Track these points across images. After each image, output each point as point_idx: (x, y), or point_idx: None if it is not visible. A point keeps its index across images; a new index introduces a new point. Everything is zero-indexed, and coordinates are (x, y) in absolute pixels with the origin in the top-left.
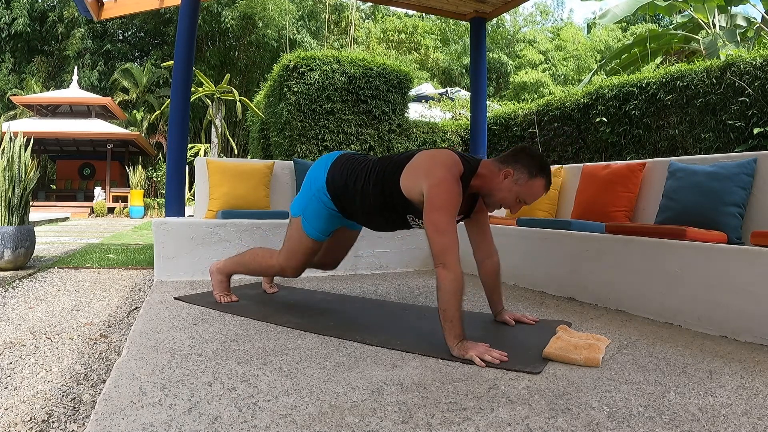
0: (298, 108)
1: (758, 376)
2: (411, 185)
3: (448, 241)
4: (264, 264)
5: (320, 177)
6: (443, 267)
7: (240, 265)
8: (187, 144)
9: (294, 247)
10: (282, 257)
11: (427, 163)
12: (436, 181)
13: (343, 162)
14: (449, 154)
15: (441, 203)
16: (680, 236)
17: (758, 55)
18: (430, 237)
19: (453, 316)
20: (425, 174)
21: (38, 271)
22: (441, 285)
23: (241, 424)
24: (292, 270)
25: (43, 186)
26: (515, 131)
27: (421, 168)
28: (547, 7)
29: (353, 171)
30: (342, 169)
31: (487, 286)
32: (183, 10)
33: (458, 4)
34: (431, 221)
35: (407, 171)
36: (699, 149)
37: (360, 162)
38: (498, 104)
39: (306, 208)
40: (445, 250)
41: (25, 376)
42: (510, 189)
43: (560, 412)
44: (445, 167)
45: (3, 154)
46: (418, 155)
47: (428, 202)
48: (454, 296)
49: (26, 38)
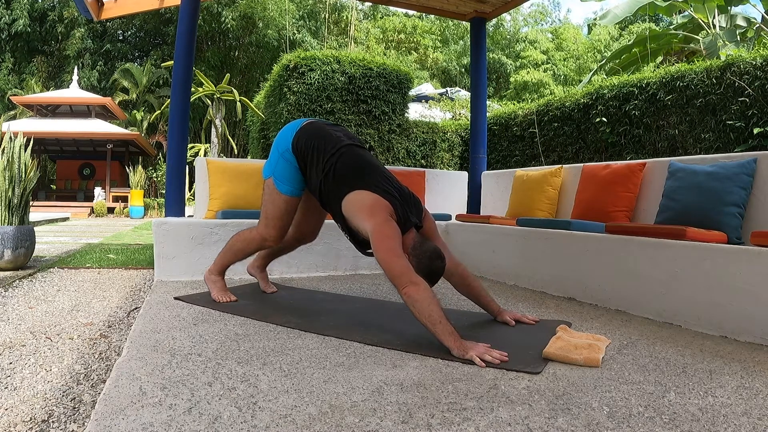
0: (298, 108)
1: (758, 376)
2: (350, 215)
3: (406, 262)
4: (246, 239)
5: (287, 140)
6: (411, 284)
7: (226, 253)
8: (187, 144)
9: (270, 212)
10: (261, 226)
11: (370, 205)
12: (381, 220)
13: (310, 133)
14: (386, 204)
15: (390, 234)
16: (680, 236)
17: (758, 55)
18: (389, 262)
19: (439, 317)
20: (368, 214)
21: (38, 271)
22: (417, 298)
23: (241, 424)
24: (272, 237)
25: (43, 186)
26: (515, 131)
27: (364, 207)
28: (546, 8)
29: (318, 144)
30: (308, 140)
31: (470, 296)
32: (183, 10)
33: (458, 4)
34: (385, 249)
35: (350, 201)
36: (699, 149)
37: (326, 138)
38: (498, 104)
39: (275, 168)
40: (406, 270)
41: (25, 376)
42: None
43: (560, 412)
44: (386, 212)
45: (3, 154)
46: (361, 193)
47: (378, 234)
48: (432, 302)
49: (26, 38)
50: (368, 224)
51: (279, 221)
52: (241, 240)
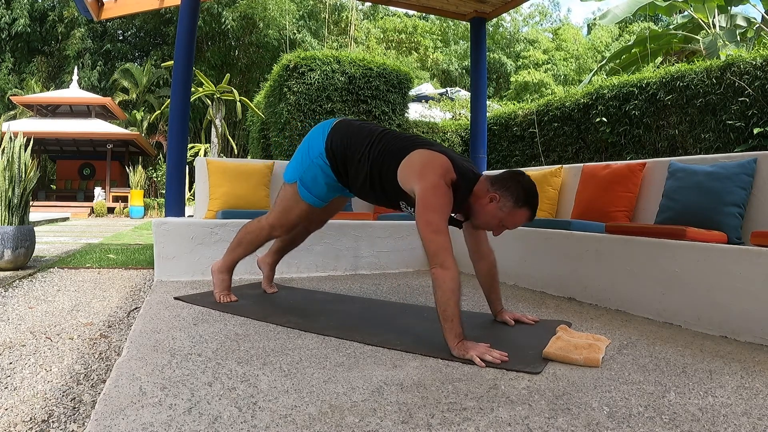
0: (298, 108)
1: (758, 376)
2: (404, 181)
3: (443, 241)
4: (255, 230)
5: (319, 143)
6: (440, 267)
7: (235, 248)
8: (187, 144)
9: (288, 206)
10: (273, 217)
11: (421, 165)
12: (429, 185)
13: (344, 129)
14: (444, 160)
15: (434, 204)
16: (680, 236)
17: (758, 55)
18: (425, 237)
19: (453, 314)
20: (418, 176)
21: (38, 271)
22: (439, 284)
23: (241, 424)
24: (282, 228)
25: (43, 186)
26: (515, 131)
27: (415, 169)
28: (545, 8)
29: (354, 141)
30: (343, 136)
31: (485, 286)
32: (183, 10)
33: (458, 4)
34: (425, 221)
35: (403, 166)
36: (699, 149)
37: (361, 132)
38: (498, 104)
39: (304, 174)
40: (440, 250)
41: (25, 376)
42: (494, 214)
43: (560, 412)
44: (438, 173)
45: (3, 154)
46: (414, 153)
47: (421, 203)
48: (453, 295)
49: (26, 38)
50: (417, 187)
51: (294, 218)
52: (250, 232)
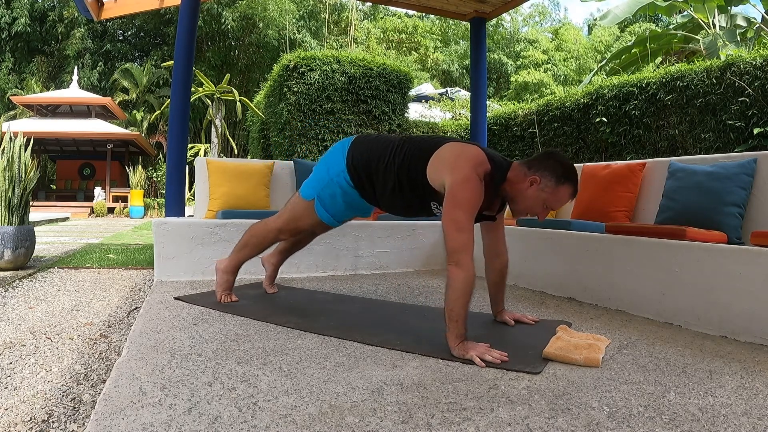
0: (298, 108)
1: (758, 376)
2: (435, 176)
3: (465, 240)
4: (261, 233)
5: (339, 161)
6: (456, 265)
7: (241, 248)
8: (187, 144)
9: (299, 216)
10: (281, 221)
11: (454, 157)
12: (460, 178)
13: (364, 143)
14: (477, 152)
15: (462, 201)
16: (680, 236)
17: (758, 55)
18: (447, 233)
19: (459, 315)
20: (450, 168)
21: (38, 271)
22: (451, 283)
23: (241, 424)
24: (288, 233)
25: (43, 186)
26: (515, 131)
27: (447, 161)
28: (545, 8)
29: (376, 151)
30: (364, 150)
31: (493, 284)
32: (183, 10)
33: (458, 4)
34: (451, 217)
35: (433, 161)
36: (699, 149)
37: (382, 142)
38: (498, 104)
39: (322, 192)
40: (460, 248)
41: (25, 376)
42: (537, 197)
43: (560, 412)
44: (471, 165)
45: (3, 154)
46: (445, 146)
47: (450, 197)
48: (463, 296)
49: (26, 38)
50: (448, 180)
51: (304, 226)
52: (255, 235)
